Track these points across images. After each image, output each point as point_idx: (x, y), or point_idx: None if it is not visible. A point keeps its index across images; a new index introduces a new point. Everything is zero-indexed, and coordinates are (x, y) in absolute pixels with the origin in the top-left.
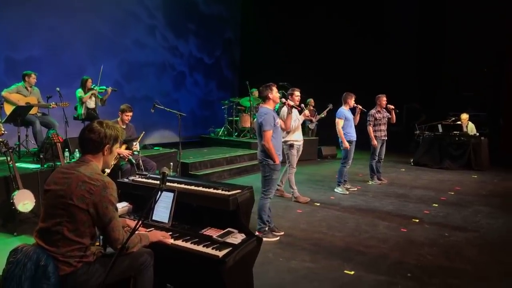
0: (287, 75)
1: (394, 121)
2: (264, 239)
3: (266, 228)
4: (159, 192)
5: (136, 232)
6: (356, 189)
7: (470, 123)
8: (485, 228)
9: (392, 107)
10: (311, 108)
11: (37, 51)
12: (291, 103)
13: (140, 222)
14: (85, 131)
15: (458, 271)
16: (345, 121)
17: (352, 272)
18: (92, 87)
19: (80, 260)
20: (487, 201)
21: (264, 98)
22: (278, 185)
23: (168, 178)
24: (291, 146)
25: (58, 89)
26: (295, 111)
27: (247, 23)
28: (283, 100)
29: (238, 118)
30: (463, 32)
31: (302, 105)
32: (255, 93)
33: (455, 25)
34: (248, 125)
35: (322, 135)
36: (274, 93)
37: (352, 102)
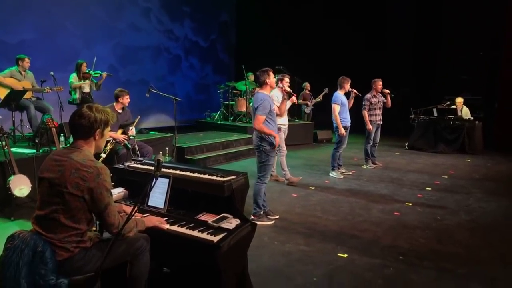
0: (283, 59)
1: (390, 105)
2: (259, 222)
3: (261, 212)
4: (154, 179)
5: (132, 217)
6: (350, 173)
7: (464, 107)
8: (478, 212)
9: (388, 91)
10: (307, 92)
11: (30, 34)
12: (288, 89)
13: (136, 207)
14: (75, 117)
15: (450, 254)
16: (341, 106)
17: (346, 255)
18: (87, 71)
19: (77, 246)
20: (480, 185)
21: (261, 83)
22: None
23: (163, 164)
24: (278, 129)
25: (52, 73)
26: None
27: (243, 6)
28: (280, 85)
29: (234, 102)
30: (460, 16)
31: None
32: (251, 77)
33: (452, 9)
34: (244, 109)
35: (317, 119)
36: (271, 79)
37: (347, 86)
